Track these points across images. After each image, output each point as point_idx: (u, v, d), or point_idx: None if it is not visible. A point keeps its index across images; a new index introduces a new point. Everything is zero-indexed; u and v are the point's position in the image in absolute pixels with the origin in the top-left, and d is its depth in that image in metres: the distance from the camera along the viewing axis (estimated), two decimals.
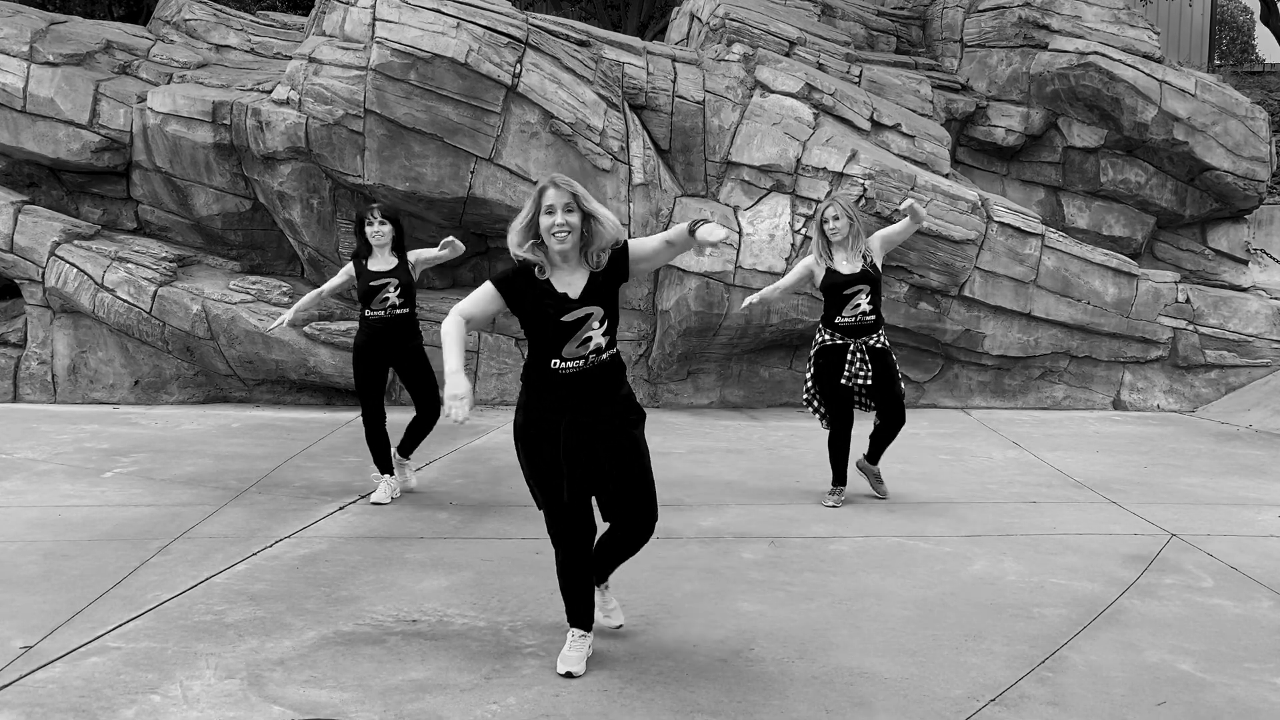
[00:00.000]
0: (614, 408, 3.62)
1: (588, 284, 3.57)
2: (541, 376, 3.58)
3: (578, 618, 3.75)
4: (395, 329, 5.92)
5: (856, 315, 5.87)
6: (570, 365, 3.54)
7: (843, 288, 5.87)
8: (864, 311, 5.88)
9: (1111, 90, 10.27)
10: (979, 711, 3.43)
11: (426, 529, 5.45)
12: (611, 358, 3.62)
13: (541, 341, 3.57)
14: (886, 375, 5.98)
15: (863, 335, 5.91)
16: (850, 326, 5.88)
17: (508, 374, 9.38)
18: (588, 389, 3.56)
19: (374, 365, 5.99)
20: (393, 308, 5.87)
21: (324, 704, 3.41)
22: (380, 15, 8.69)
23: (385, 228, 5.87)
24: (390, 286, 5.85)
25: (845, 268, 5.89)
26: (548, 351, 3.55)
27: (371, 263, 5.90)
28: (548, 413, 3.58)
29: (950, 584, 4.70)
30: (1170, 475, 7.05)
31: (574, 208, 3.51)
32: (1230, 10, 26.29)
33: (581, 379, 3.55)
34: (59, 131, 9.28)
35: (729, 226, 9.13)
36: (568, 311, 3.51)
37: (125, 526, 5.38)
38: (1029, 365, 9.86)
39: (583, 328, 3.53)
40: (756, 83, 9.75)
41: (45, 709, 3.34)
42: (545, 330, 3.53)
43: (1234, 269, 10.91)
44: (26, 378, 9.28)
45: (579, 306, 3.52)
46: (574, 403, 3.55)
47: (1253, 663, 3.87)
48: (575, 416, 3.55)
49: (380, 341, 5.93)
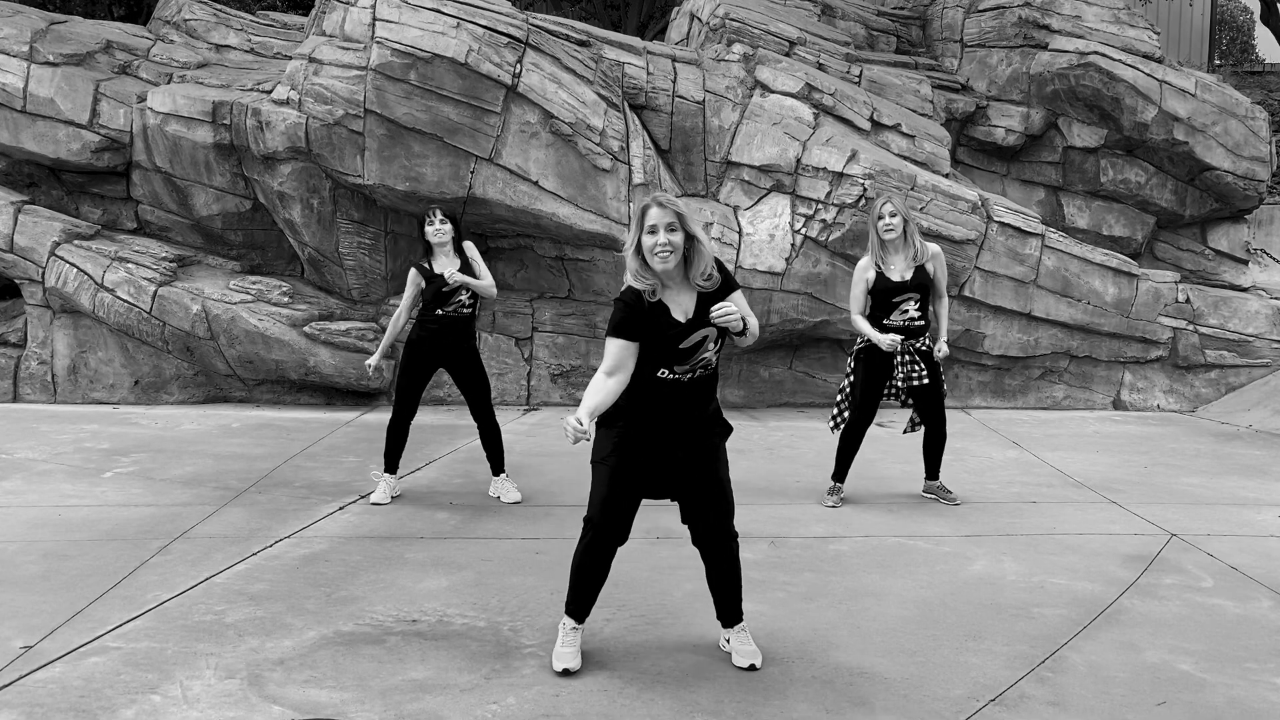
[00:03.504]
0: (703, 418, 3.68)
1: (698, 306, 3.59)
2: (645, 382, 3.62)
3: (577, 608, 3.76)
4: (458, 329, 5.94)
5: (905, 320, 5.86)
6: (673, 375, 3.59)
7: (892, 294, 5.84)
8: (912, 317, 5.87)
9: (1111, 90, 10.27)
10: (979, 711, 3.43)
11: (426, 529, 5.45)
12: (713, 371, 3.67)
13: (654, 356, 3.58)
14: (931, 376, 5.99)
15: (911, 338, 5.90)
16: (899, 329, 5.87)
17: (508, 374, 9.39)
18: (684, 398, 3.61)
19: (426, 364, 5.98)
20: (463, 306, 5.90)
21: (324, 704, 3.41)
22: (380, 15, 8.68)
23: (446, 226, 5.90)
24: (464, 289, 5.86)
25: (896, 274, 5.85)
26: (657, 363, 3.59)
27: (437, 265, 5.91)
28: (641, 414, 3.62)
29: (950, 584, 4.70)
30: (1170, 475, 7.05)
31: (677, 227, 3.52)
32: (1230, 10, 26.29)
33: (680, 388, 3.60)
34: (59, 131, 9.28)
35: (729, 226, 9.13)
36: (685, 337, 3.55)
37: (125, 526, 5.38)
38: (1029, 365, 9.86)
39: (699, 350, 3.57)
40: (756, 83, 9.75)
41: (45, 709, 3.34)
42: (663, 350, 3.56)
43: (1234, 269, 10.91)
44: (26, 378, 9.28)
45: (695, 329, 3.56)
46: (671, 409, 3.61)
47: (1253, 663, 3.87)
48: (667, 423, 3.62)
49: (439, 341, 5.93)
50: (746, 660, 3.74)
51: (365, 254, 9.22)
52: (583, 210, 8.87)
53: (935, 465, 6.23)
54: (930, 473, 6.25)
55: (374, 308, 9.38)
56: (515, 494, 6.04)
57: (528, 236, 9.40)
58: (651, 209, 3.52)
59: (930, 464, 6.23)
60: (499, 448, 6.12)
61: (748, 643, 3.81)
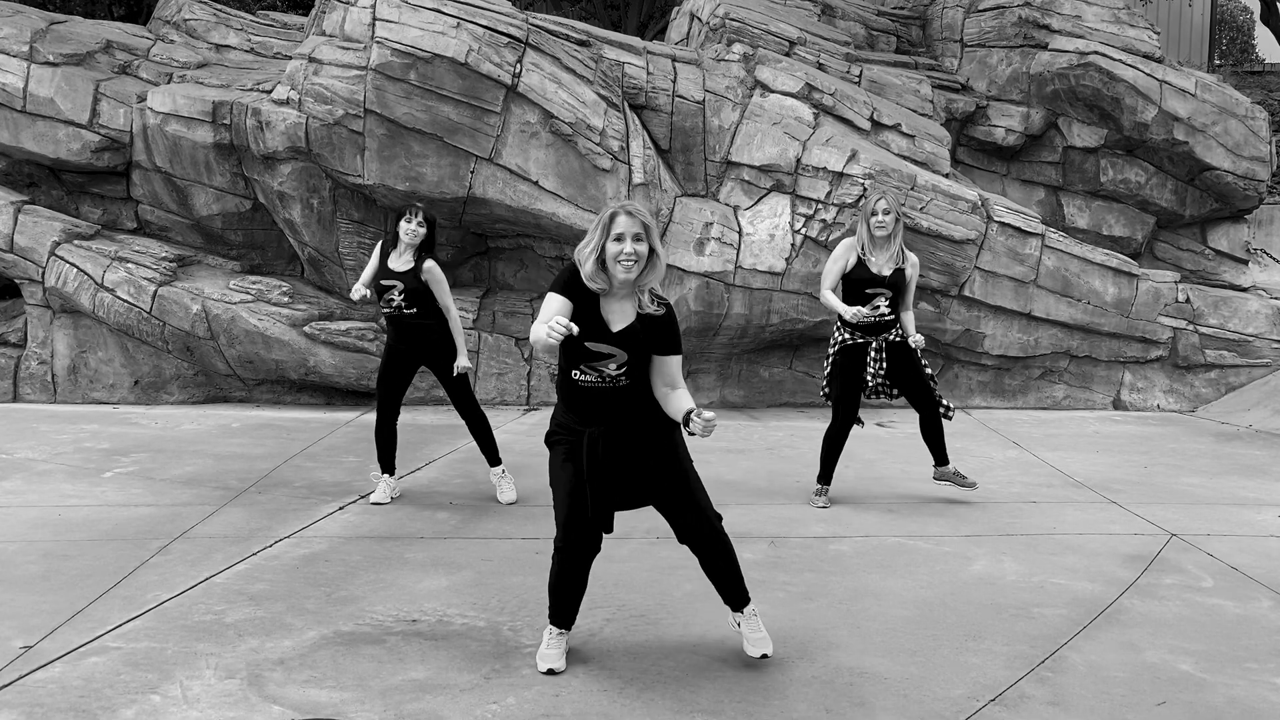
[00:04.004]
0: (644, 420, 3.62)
1: (628, 327, 3.55)
2: (565, 386, 3.62)
3: (560, 618, 3.77)
4: (413, 327, 5.87)
5: (876, 315, 5.88)
6: (588, 379, 3.55)
7: (868, 285, 5.87)
8: (883, 312, 5.89)
9: (1111, 90, 10.27)
10: (979, 711, 3.43)
11: (426, 529, 5.45)
12: (629, 385, 3.58)
13: (570, 351, 3.56)
14: (909, 365, 5.97)
15: (881, 332, 5.93)
16: (868, 325, 5.89)
17: (508, 374, 9.38)
18: (611, 403, 3.57)
19: (402, 365, 5.94)
20: (399, 308, 5.85)
21: (324, 704, 3.41)
22: (380, 15, 8.68)
23: (420, 230, 5.85)
24: (396, 290, 5.83)
25: (875, 267, 5.88)
26: (569, 362, 3.57)
27: (392, 259, 5.89)
28: (573, 424, 3.59)
29: (950, 584, 4.70)
30: (1170, 475, 7.05)
31: (643, 238, 3.50)
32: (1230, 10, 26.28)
33: (603, 395, 3.56)
34: (59, 131, 9.28)
35: (729, 226, 9.14)
36: (597, 340, 3.51)
37: (125, 526, 5.38)
38: (1029, 365, 9.86)
39: (601, 360, 3.53)
40: (756, 82, 9.75)
41: (45, 709, 3.34)
42: (574, 345, 3.52)
43: (1234, 269, 10.91)
44: (26, 377, 9.28)
45: (610, 342, 3.52)
46: (600, 416, 3.56)
47: (1253, 663, 3.87)
48: (603, 429, 3.56)
49: (409, 342, 5.89)
50: (758, 650, 3.72)
51: (365, 254, 9.22)
52: (583, 210, 8.87)
53: (940, 450, 6.17)
54: (938, 458, 6.19)
55: (374, 308, 9.38)
56: (511, 494, 6.03)
57: (528, 236, 9.40)
58: (620, 216, 3.49)
59: (935, 450, 6.17)
60: (490, 439, 6.10)
61: (758, 629, 3.78)
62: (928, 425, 6.13)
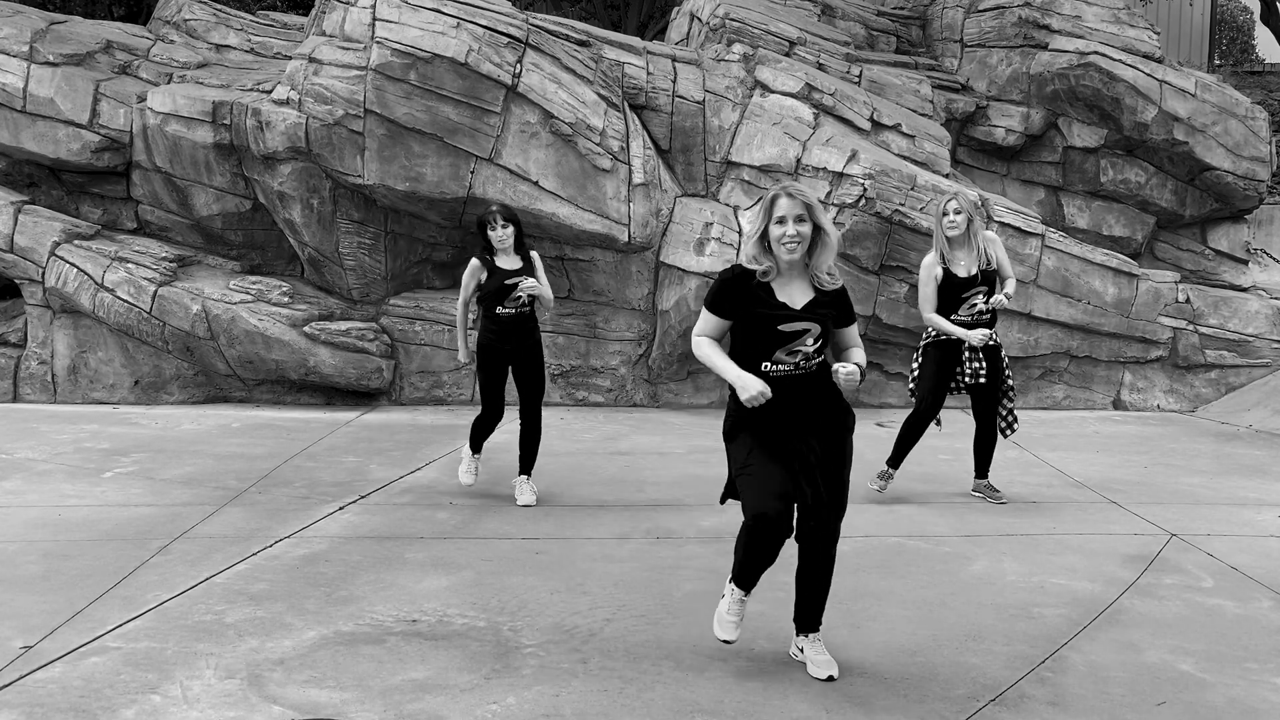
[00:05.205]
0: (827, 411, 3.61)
1: (811, 301, 3.55)
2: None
3: (743, 582, 3.67)
4: (523, 325, 6.00)
5: (973, 314, 5.95)
6: (780, 369, 3.53)
7: (961, 289, 5.94)
8: (980, 310, 5.95)
9: (1111, 90, 10.27)
10: (979, 711, 3.43)
11: (426, 529, 5.45)
12: (820, 365, 3.59)
13: (754, 345, 3.55)
14: (994, 372, 6.05)
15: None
16: (967, 324, 5.95)
17: None
18: (799, 392, 3.55)
19: (499, 362, 6.04)
20: (524, 305, 5.95)
21: (324, 704, 3.41)
22: (380, 15, 8.69)
23: (509, 230, 5.93)
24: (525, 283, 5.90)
25: (962, 269, 5.95)
26: (758, 355, 3.54)
27: (499, 261, 5.95)
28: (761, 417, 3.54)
29: (950, 584, 4.70)
30: (1170, 475, 7.05)
31: (806, 218, 3.48)
32: (1230, 10, 26.28)
33: (792, 383, 3.54)
34: (59, 131, 9.28)
35: (729, 226, 9.14)
36: (785, 321, 3.50)
37: (125, 526, 5.38)
38: (1029, 365, 9.86)
39: (797, 340, 3.51)
40: (756, 83, 9.75)
41: (45, 709, 3.34)
42: (760, 335, 3.52)
43: (1234, 269, 10.91)
44: (26, 378, 9.28)
45: (799, 319, 3.51)
46: (785, 405, 3.53)
47: (1253, 663, 3.87)
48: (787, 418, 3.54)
49: (507, 339, 5.98)
50: (824, 671, 3.67)
51: (365, 254, 9.22)
52: (582, 210, 8.87)
53: (985, 464, 6.28)
54: (980, 471, 6.29)
55: (374, 308, 9.38)
56: (530, 497, 6.05)
57: (528, 237, 9.37)
58: (781, 199, 3.48)
59: (980, 462, 6.28)
60: (534, 450, 6.16)
61: (823, 652, 3.75)
62: (982, 436, 6.23)
